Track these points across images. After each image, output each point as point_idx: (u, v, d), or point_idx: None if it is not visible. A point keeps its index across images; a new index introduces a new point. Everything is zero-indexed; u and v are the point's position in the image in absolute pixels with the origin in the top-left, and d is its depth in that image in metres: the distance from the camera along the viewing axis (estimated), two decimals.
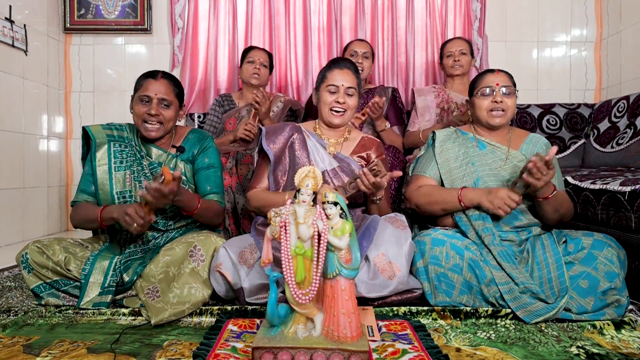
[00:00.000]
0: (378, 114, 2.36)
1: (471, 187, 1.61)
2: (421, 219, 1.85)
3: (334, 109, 1.69)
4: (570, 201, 1.62)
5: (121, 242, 1.65)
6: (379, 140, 1.86)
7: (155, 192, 1.37)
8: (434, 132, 1.78)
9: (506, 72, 1.69)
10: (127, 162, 1.63)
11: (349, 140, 1.79)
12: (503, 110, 1.64)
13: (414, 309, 1.44)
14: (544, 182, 1.42)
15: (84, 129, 1.66)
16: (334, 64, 1.73)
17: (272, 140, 1.71)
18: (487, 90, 1.65)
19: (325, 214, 1.06)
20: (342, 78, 1.69)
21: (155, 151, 1.69)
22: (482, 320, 1.40)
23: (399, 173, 1.53)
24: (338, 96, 1.68)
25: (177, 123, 1.76)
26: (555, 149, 1.41)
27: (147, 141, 1.69)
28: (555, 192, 1.50)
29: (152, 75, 1.64)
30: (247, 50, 2.69)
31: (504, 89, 1.63)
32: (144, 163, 1.65)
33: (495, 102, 1.63)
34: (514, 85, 1.68)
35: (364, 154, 1.77)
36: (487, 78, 1.68)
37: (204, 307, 1.47)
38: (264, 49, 2.71)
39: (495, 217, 1.58)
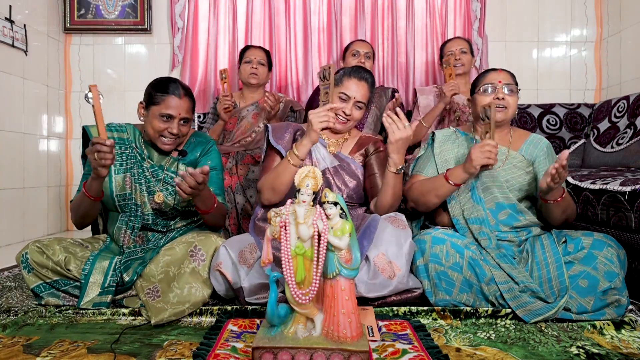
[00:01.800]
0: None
1: (455, 166, 1.60)
2: (420, 217, 1.85)
3: (339, 116, 1.69)
4: (573, 201, 1.62)
5: (116, 240, 1.65)
6: (378, 136, 1.87)
7: (191, 179, 1.36)
8: (433, 133, 1.77)
9: (509, 72, 1.69)
10: (127, 165, 1.61)
11: (349, 140, 1.80)
12: (504, 108, 1.63)
13: (414, 309, 1.44)
14: (557, 185, 1.42)
15: (83, 128, 1.66)
16: (354, 72, 1.70)
17: (279, 137, 1.73)
18: (489, 87, 1.65)
19: (325, 214, 1.06)
20: (357, 89, 1.68)
21: (157, 154, 1.68)
22: (482, 320, 1.40)
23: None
24: (347, 106, 1.68)
25: None
26: (567, 152, 1.39)
27: (150, 144, 1.68)
28: (564, 194, 1.50)
29: (174, 92, 1.56)
30: (244, 49, 2.69)
31: (506, 87, 1.63)
32: (145, 165, 1.64)
33: (497, 98, 1.63)
34: (516, 84, 1.67)
35: (362, 151, 1.78)
36: (489, 76, 1.68)
37: (204, 307, 1.47)
38: (260, 47, 2.70)
39: (494, 218, 1.58)
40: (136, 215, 1.62)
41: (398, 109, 1.52)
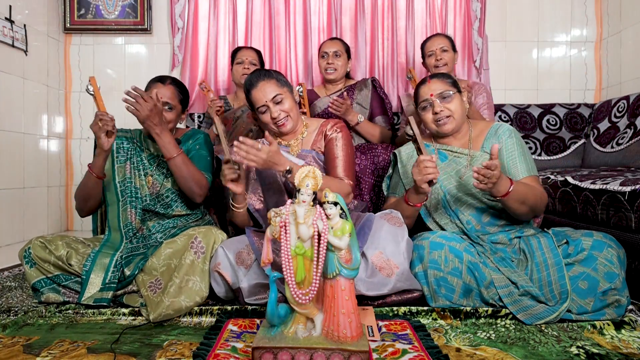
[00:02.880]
0: (342, 110, 2.29)
1: (410, 188, 1.56)
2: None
3: (277, 122, 1.68)
4: (537, 189, 1.52)
5: (123, 226, 1.69)
6: (338, 120, 1.82)
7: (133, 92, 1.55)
8: (394, 153, 1.76)
9: (441, 76, 1.66)
10: (128, 154, 1.75)
11: (309, 134, 1.77)
12: (448, 117, 1.61)
13: (414, 309, 1.44)
14: (492, 184, 1.38)
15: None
16: (249, 86, 1.69)
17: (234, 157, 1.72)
18: (425, 104, 1.64)
19: (325, 214, 1.06)
20: (262, 95, 1.66)
21: (153, 146, 1.79)
22: (482, 320, 1.40)
23: None
24: (271, 112, 1.66)
25: (178, 125, 1.88)
26: (496, 146, 1.35)
27: (148, 137, 1.80)
28: (512, 187, 1.42)
29: (161, 80, 1.77)
30: (235, 51, 2.68)
31: (439, 98, 1.60)
32: (143, 155, 1.76)
33: (436, 113, 1.61)
34: (455, 85, 1.64)
35: (321, 137, 1.75)
36: (421, 91, 1.66)
37: (204, 307, 1.47)
38: (251, 48, 2.69)
39: (479, 222, 1.58)
40: (137, 197, 1.72)
41: (243, 139, 1.46)
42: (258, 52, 2.68)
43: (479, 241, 1.57)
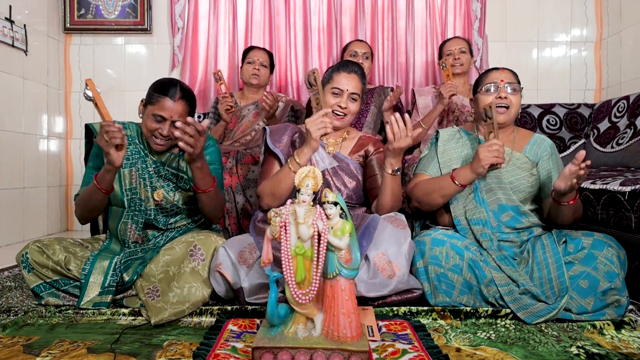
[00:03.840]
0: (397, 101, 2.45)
1: (461, 167, 1.60)
2: (422, 218, 1.85)
3: (336, 112, 1.69)
4: (581, 201, 1.61)
5: (120, 236, 1.65)
6: (377, 136, 1.87)
7: (191, 128, 1.37)
8: (437, 131, 1.77)
9: (511, 71, 1.68)
10: (132, 159, 1.63)
11: (348, 140, 1.80)
12: (507, 107, 1.62)
13: (414, 309, 1.44)
14: (578, 185, 1.41)
15: (86, 126, 1.66)
16: (342, 66, 1.72)
17: (277, 139, 1.73)
18: (492, 87, 1.64)
19: (325, 214, 1.06)
20: (347, 82, 1.69)
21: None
22: (482, 320, 1.40)
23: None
24: (341, 100, 1.68)
25: None
26: (583, 152, 1.37)
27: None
28: (577, 196, 1.48)
29: (170, 94, 1.54)
30: (247, 50, 2.70)
31: (508, 86, 1.62)
32: (148, 161, 1.65)
33: (500, 97, 1.62)
34: (519, 83, 1.67)
35: (362, 152, 1.78)
36: (492, 75, 1.67)
37: (204, 307, 1.47)
38: (264, 49, 2.71)
39: (497, 220, 1.58)
40: (140, 210, 1.63)
41: (406, 116, 1.51)
42: (270, 54, 2.70)
43: (488, 238, 1.56)
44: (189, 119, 1.39)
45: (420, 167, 1.77)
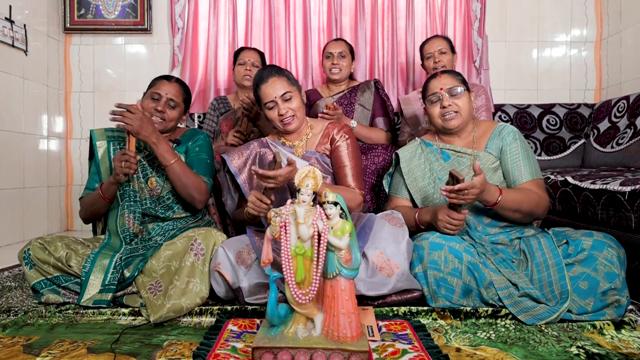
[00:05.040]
0: (334, 119, 2.14)
1: (425, 208, 1.62)
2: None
3: (283, 120, 1.67)
4: (535, 194, 1.51)
5: (121, 231, 1.67)
6: (345, 124, 1.82)
7: (135, 109, 1.55)
8: (396, 153, 1.76)
9: (452, 72, 1.66)
10: None
11: (313, 135, 1.78)
12: (456, 112, 1.61)
13: (414, 309, 1.44)
14: (471, 200, 1.39)
15: (90, 132, 1.79)
16: (259, 81, 1.68)
17: (234, 161, 1.74)
18: (433, 97, 1.64)
19: (325, 214, 1.06)
20: (272, 91, 1.65)
21: None
22: (482, 320, 1.40)
23: None
24: (279, 108, 1.66)
25: (179, 125, 1.86)
26: (478, 164, 1.36)
27: None
28: (500, 197, 1.44)
29: (166, 77, 1.79)
30: (238, 52, 2.67)
31: (448, 93, 1.61)
32: (141, 156, 1.73)
33: (444, 107, 1.61)
34: (464, 82, 1.64)
35: (327, 140, 1.75)
36: (430, 85, 1.66)
37: (203, 307, 1.47)
38: (254, 49, 2.68)
39: (480, 223, 1.59)
40: (135, 201, 1.69)
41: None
42: (261, 54, 2.67)
43: (481, 241, 1.57)
44: (117, 103, 1.57)
45: (392, 188, 1.79)
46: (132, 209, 1.67)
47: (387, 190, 1.83)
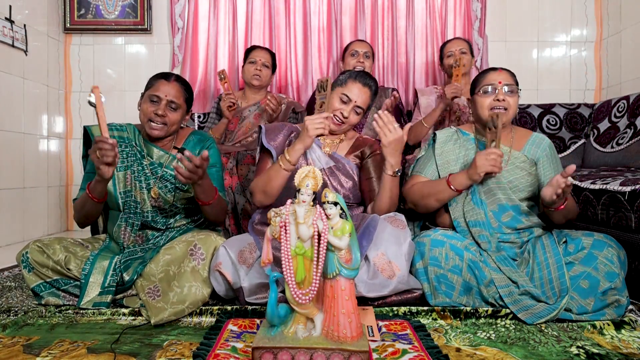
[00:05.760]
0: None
1: (458, 172, 1.61)
2: (421, 219, 1.85)
3: (336, 117, 1.69)
4: (575, 203, 1.61)
5: (115, 239, 1.64)
6: (374, 139, 1.86)
7: (189, 162, 1.38)
8: (434, 133, 1.76)
9: (509, 71, 1.68)
10: (127, 162, 1.62)
11: (345, 141, 1.80)
12: (505, 109, 1.61)
13: (414, 309, 1.44)
14: (565, 197, 1.43)
15: (84, 128, 1.66)
16: (359, 77, 1.70)
17: (272, 138, 1.73)
18: (489, 88, 1.63)
19: (325, 214, 1.06)
20: (358, 94, 1.68)
21: (156, 152, 1.68)
22: (482, 320, 1.40)
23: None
24: (346, 108, 1.68)
25: (181, 126, 1.77)
26: (573, 167, 1.37)
27: (149, 141, 1.68)
28: (567, 201, 1.48)
29: (165, 76, 1.65)
30: (250, 50, 2.68)
31: (506, 87, 1.61)
32: (145, 163, 1.64)
33: (497, 100, 1.61)
34: (517, 84, 1.66)
35: (358, 152, 1.78)
36: (489, 76, 1.66)
37: (204, 307, 1.47)
38: (266, 49, 2.70)
39: (497, 220, 1.57)
40: (136, 213, 1.62)
41: (385, 112, 1.53)
42: (272, 54, 2.68)
43: (486, 239, 1.56)
44: (187, 152, 1.40)
45: (417, 168, 1.76)
46: (130, 221, 1.61)
47: (409, 174, 1.82)
